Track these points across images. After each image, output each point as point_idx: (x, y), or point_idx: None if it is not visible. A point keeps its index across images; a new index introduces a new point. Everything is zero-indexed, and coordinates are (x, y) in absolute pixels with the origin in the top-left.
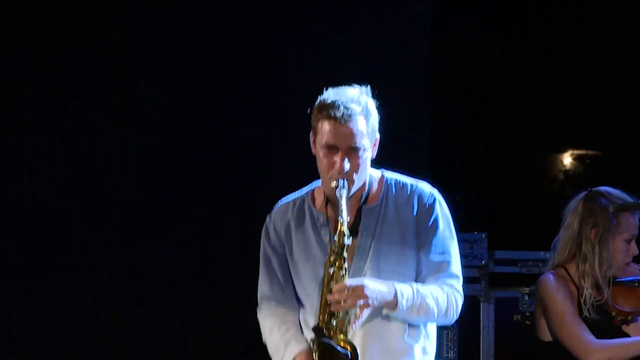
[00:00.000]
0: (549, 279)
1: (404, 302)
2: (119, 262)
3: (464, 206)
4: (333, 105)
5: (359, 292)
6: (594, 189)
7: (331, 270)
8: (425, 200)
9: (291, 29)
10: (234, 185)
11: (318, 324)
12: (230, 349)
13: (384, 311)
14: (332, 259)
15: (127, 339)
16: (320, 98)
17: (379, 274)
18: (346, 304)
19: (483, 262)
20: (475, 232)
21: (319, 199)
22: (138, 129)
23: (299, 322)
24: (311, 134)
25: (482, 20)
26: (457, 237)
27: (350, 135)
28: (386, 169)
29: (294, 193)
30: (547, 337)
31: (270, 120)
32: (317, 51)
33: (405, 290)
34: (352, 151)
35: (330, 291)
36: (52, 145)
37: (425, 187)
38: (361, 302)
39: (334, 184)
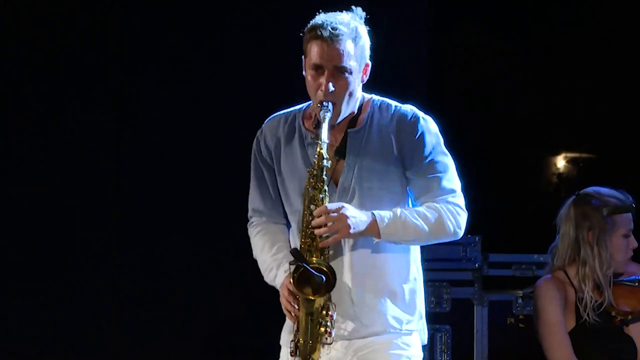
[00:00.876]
0: (545, 284)
1: (384, 225)
2: (120, 262)
3: None
4: (321, 25)
5: (339, 215)
6: (581, 191)
7: (311, 192)
8: (408, 119)
9: (291, 29)
10: (234, 185)
11: (300, 246)
12: (231, 348)
13: (375, 240)
14: (312, 181)
15: (128, 338)
16: (311, 21)
17: (365, 193)
18: (327, 226)
19: (477, 265)
20: (469, 235)
21: (312, 117)
22: (138, 128)
23: (289, 240)
24: (303, 58)
25: (482, 21)
26: None
27: (336, 55)
28: (377, 94)
29: (287, 108)
30: None
31: None
32: None
33: (385, 214)
34: (338, 72)
35: (311, 213)
36: (52, 146)
37: (409, 107)
38: (341, 224)
39: (319, 105)
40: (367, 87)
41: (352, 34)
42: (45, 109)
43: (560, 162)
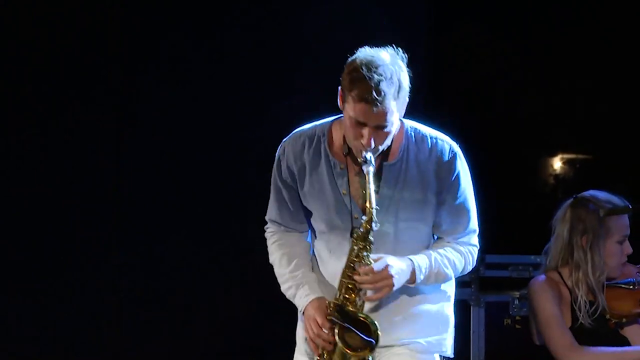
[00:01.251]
0: (540, 282)
1: (422, 276)
2: (120, 262)
3: None
4: (365, 86)
5: (384, 274)
6: (579, 194)
7: (355, 249)
8: (447, 157)
9: (291, 29)
10: (234, 185)
11: (338, 299)
12: (231, 348)
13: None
14: (357, 240)
15: (128, 338)
16: (353, 61)
17: (402, 225)
18: (374, 285)
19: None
20: None
21: (337, 141)
22: (138, 128)
23: (311, 250)
24: (340, 89)
25: (482, 22)
26: None
27: (380, 116)
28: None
29: (307, 126)
30: (538, 340)
31: (270, 120)
32: (317, 51)
33: (423, 263)
34: (381, 128)
35: (353, 270)
36: (52, 146)
37: (446, 142)
38: (387, 283)
39: (360, 159)
40: None
41: (395, 91)
42: (45, 109)
43: (557, 163)
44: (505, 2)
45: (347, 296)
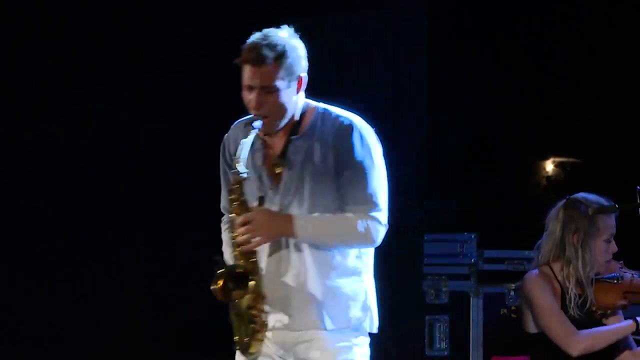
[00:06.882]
0: (534, 276)
1: (303, 233)
2: (145, 257)
3: (456, 209)
4: (249, 49)
5: (255, 225)
6: (572, 196)
7: (234, 205)
8: (344, 129)
9: (308, 29)
10: None
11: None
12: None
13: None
14: (232, 196)
15: (151, 337)
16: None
17: (304, 198)
18: (246, 237)
19: (473, 260)
20: (466, 233)
21: None
22: (160, 124)
23: None
24: None
25: (475, 34)
26: (446, 237)
27: (262, 77)
28: (325, 102)
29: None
30: (532, 329)
31: None
32: (316, 65)
33: (306, 222)
34: (265, 90)
35: (233, 225)
36: (77, 141)
37: (347, 118)
38: (258, 237)
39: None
40: (370, 96)
41: (278, 55)
42: (72, 105)
43: (549, 166)
44: (496, 20)
45: (236, 255)
